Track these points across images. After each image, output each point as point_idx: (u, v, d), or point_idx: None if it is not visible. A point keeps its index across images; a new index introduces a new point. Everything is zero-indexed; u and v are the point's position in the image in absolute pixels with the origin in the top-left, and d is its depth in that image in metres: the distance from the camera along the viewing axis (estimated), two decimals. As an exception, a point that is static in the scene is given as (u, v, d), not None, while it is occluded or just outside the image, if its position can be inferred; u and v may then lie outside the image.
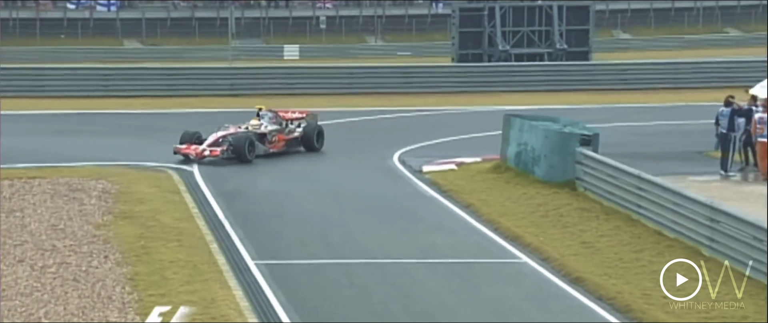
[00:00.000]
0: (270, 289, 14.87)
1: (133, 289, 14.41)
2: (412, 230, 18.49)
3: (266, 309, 14.13)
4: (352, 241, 17.74)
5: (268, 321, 13.67)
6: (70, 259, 15.74)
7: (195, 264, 15.85)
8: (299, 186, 22.09)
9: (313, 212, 19.75)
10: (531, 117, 23.80)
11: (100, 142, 26.55)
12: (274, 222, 18.95)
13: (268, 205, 20.27)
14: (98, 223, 17.96)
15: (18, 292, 14.14)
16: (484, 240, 18.01)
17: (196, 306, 13.85)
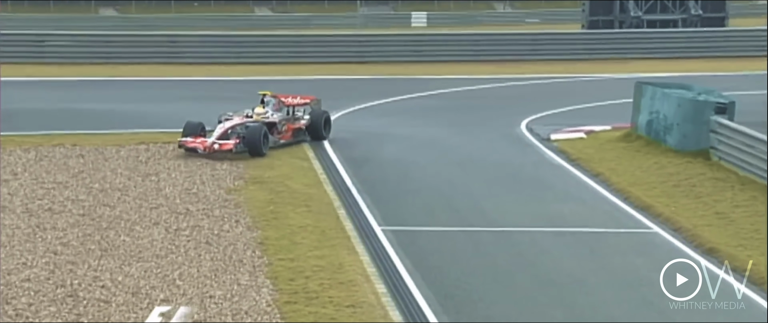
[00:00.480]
0: (396, 255, 14.99)
1: (263, 253, 14.70)
2: (539, 198, 18.40)
3: (393, 275, 14.25)
4: (478, 209, 17.74)
5: (394, 288, 13.79)
6: (202, 222, 16.12)
7: (323, 229, 16.07)
8: (426, 154, 22.14)
9: (439, 180, 19.80)
10: (663, 85, 23.36)
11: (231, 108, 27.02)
12: (401, 189, 19.06)
13: (394, 172, 20.39)
14: (230, 188, 18.33)
15: (154, 254, 14.56)
16: (613, 210, 17.82)
17: (324, 271, 14.07)
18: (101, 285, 13.30)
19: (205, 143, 20.30)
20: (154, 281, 13.51)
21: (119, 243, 15.06)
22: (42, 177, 18.67)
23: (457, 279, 14.12)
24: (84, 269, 13.89)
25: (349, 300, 13.13)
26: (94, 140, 21.28)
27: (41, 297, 12.87)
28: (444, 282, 14.00)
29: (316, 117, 22.47)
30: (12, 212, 16.43)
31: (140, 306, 12.67)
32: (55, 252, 14.53)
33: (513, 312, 13.01)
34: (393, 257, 14.94)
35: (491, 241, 15.89)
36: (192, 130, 20.70)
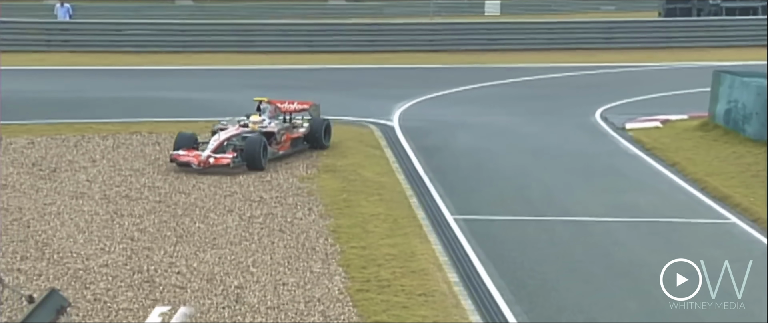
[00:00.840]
0: (469, 244, 14.97)
1: (336, 241, 14.76)
2: (613, 188, 18.24)
3: (465, 264, 14.24)
4: (551, 198, 17.64)
5: (467, 277, 13.77)
6: (276, 210, 16.24)
7: (395, 217, 16.10)
8: (498, 142, 22.06)
9: (512, 169, 19.72)
10: (743, 73, 23.00)
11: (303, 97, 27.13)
12: (473, 178, 19.01)
13: (467, 161, 20.34)
14: (302, 176, 18.43)
15: (228, 241, 14.71)
16: (690, 200, 17.61)
17: (396, 260, 14.09)
18: (177, 271, 13.47)
19: (199, 157, 18.36)
20: (228, 267, 13.65)
21: (194, 229, 15.23)
22: (119, 164, 18.94)
23: (530, 269, 14.06)
24: (160, 255, 14.07)
25: (421, 289, 13.15)
26: (170, 128, 21.50)
27: (119, 282, 13.07)
28: (517, 271, 13.95)
29: (315, 125, 20.33)
30: (91, 199, 16.70)
31: (215, 292, 12.81)
32: (132, 238, 14.74)
33: (586, 302, 12.93)
34: (465, 246, 14.92)
35: (565, 231, 15.79)
36: (185, 142, 18.80)
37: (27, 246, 14.32)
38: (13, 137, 20.48)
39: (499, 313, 12.64)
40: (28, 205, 16.15)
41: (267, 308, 12.38)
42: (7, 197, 16.57)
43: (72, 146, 20.09)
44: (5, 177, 17.74)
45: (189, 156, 18.50)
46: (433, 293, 13.07)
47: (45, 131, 21.29)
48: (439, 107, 26.25)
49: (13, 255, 13.92)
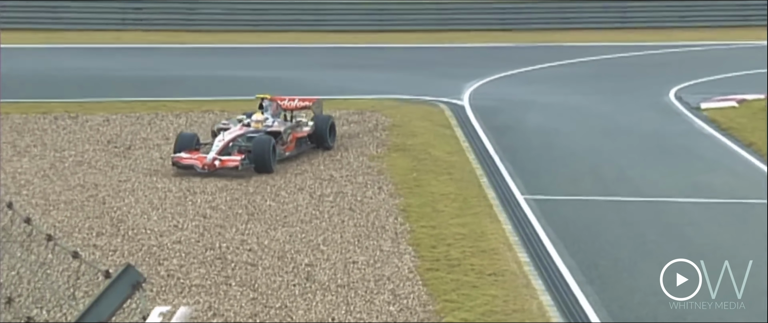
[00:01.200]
0: (539, 224, 14.89)
1: (406, 220, 14.78)
2: (687, 168, 18.03)
3: (535, 244, 14.17)
4: (624, 178, 17.48)
5: (537, 256, 13.71)
6: (346, 189, 16.29)
7: (465, 197, 16.07)
8: (570, 122, 21.90)
9: (583, 148, 19.56)
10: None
11: (374, 76, 27.20)
12: (544, 158, 18.91)
13: (537, 140, 20.23)
14: (372, 155, 18.46)
15: (299, 219, 14.80)
16: (765, 180, 17.33)
17: (465, 239, 14.07)
18: (248, 249, 13.59)
19: (203, 160, 16.84)
20: (298, 245, 13.73)
21: (265, 207, 15.35)
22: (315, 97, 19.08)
23: (601, 249, 13.95)
24: (232, 232, 14.21)
25: (491, 268, 13.12)
26: (242, 106, 21.64)
27: (191, 258, 13.22)
28: (588, 251, 13.86)
29: (320, 124, 18.67)
30: (164, 176, 16.89)
31: (285, 269, 12.90)
32: (205, 216, 14.90)
33: (654, 280, 12.79)
34: (536, 226, 14.84)
35: (637, 211, 15.64)
36: (186, 144, 17.31)
37: (102, 222, 14.55)
38: (89, 115, 20.78)
39: (569, 293, 12.57)
40: (104, 182, 16.40)
41: (337, 286, 12.44)
42: (83, 174, 16.83)
43: (146, 124, 20.34)
44: (81, 154, 18.03)
45: (192, 159, 16.93)
46: (503, 273, 13.03)
47: (120, 109, 21.57)
48: (510, 86, 26.11)
49: (89, 231, 14.16)
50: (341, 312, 11.79)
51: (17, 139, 18.84)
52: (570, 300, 12.40)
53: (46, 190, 15.89)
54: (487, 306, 12.10)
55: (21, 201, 14.77)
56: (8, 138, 18.85)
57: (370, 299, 12.11)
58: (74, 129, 19.67)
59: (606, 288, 12.69)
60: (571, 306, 12.29)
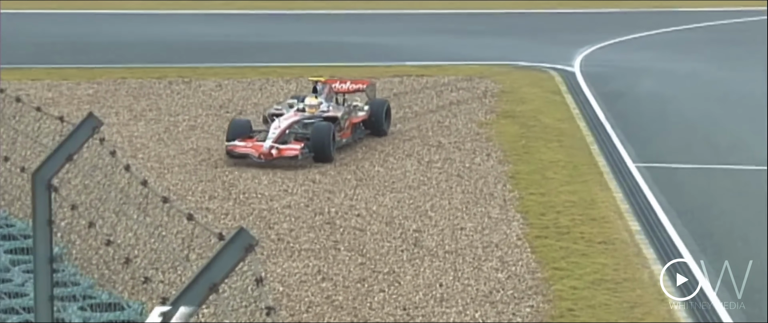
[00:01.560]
0: (651, 192, 14.69)
1: (514, 187, 14.72)
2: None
3: (647, 212, 13.99)
4: (740, 146, 17.12)
5: (648, 225, 13.54)
6: (454, 155, 16.28)
7: (575, 164, 15.94)
8: (684, 89, 21.50)
9: (698, 116, 19.21)
10: None
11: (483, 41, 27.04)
12: (657, 125, 18.62)
13: (650, 107, 19.92)
14: (481, 121, 18.40)
15: (406, 185, 14.84)
16: None
17: (575, 207, 13.97)
18: (356, 214, 13.69)
19: (260, 149, 15.65)
20: (406, 211, 13.78)
21: (373, 173, 15.42)
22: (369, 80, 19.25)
23: (715, 219, 13.73)
24: (340, 198, 14.32)
25: (601, 237, 13.00)
26: (352, 73, 21.77)
27: (301, 223, 13.38)
28: (702, 220, 13.64)
29: (376, 108, 17.35)
30: (274, 142, 17.08)
31: (393, 235, 12.96)
32: (314, 181, 15.04)
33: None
34: (647, 194, 14.65)
35: (754, 180, 15.32)
36: (239, 131, 16.13)
37: (214, 186, 14.80)
38: (201, 80, 21.10)
39: (682, 263, 12.39)
40: (216, 146, 16.64)
41: (445, 252, 12.46)
42: (196, 139, 17.12)
43: (257, 90, 20.57)
44: (194, 119, 18.32)
45: (247, 147, 15.74)
46: (614, 241, 12.91)
47: (231, 75, 21.85)
48: (622, 52, 25.71)
49: (202, 195, 14.42)
50: (449, 277, 11.81)
51: (133, 103, 19.23)
52: (682, 270, 12.22)
53: (160, 154, 16.22)
54: (596, 274, 12.01)
55: (137, 164, 15.09)
56: (125, 102, 19.27)
57: (478, 265, 12.12)
58: (188, 94, 19.99)
59: (720, 257, 12.46)
60: (684, 275, 12.11)
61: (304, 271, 11.96)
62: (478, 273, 11.94)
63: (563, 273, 11.99)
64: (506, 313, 10.98)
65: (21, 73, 20.88)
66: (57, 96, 19.47)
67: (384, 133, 17.31)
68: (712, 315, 11.20)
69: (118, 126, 17.50)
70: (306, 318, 10.87)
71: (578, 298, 11.38)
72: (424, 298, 11.30)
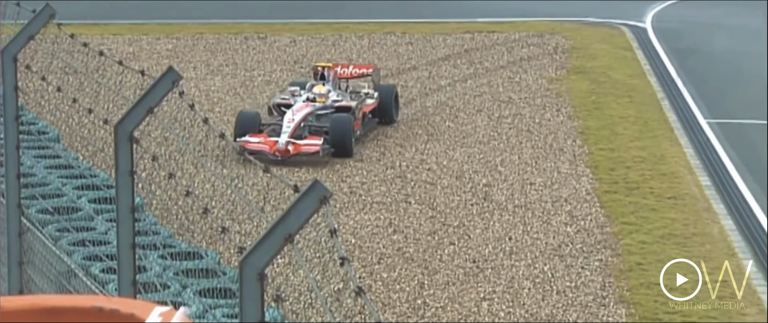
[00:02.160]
0: (722, 148, 14.52)
1: (584, 142, 14.63)
2: None
3: (718, 168, 13.84)
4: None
5: (719, 180, 13.40)
6: (524, 111, 16.20)
7: (645, 120, 15.78)
8: (757, 45, 21.07)
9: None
10: None
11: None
12: (729, 81, 18.35)
13: (723, 63, 19.62)
14: (551, 77, 18.27)
15: (476, 140, 14.82)
16: None
17: (645, 162, 13.85)
18: (427, 168, 13.71)
19: (273, 146, 13.85)
20: (476, 166, 13.78)
21: (444, 128, 15.41)
22: (374, 63, 19.27)
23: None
24: (411, 152, 14.35)
25: (671, 192, 12.90)
26: (423, 29, 21.71)
27: (373, 176, 13.44)
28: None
29: (385, 94, 15.51)
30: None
31: (463, 189, 12.98)
32: (386, 135, 15.07)
33: None
34: (718, 149, 14.48)
35: (824, 136, 15.05)
36: (248, 125, 14.33)
37: (288, 140, 14.89)
38: (276, 36, 21.16)
39: (753, 218, 12.26)
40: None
41: (514, 206, 12.45)
42: (271, 92, 17.19)
43: (330, 45, 20.60)
44: (269, 74, 18.43)
45: (260, 144, 13.92)
46: (683, 196, 12.80)
47: (305, 31, 21.89)
48: (694, 8, 25.26)
49: (275, 149, 14.52)
50: (518, 231, 11.82)
51: (210, 58, 19.38)
52: (753, 225, 12.09)
53: (236, 108, 16.33)
54: (665, 229, 11.93)
55: (214, 117, 15.23)
56: (202, 57, 19.42)
57: (547, 220, 12.09)
58: (263, 49, 20.09)
59: (790, 213, 12.32)
60: (754, 230, 11.99)
61: (375, 223, 12.03)
62: (547, 227, 11.92)
63: (632, 227, 11.93)
64: (575, 267, 10.97)
65: (103, 28, 21.12)
66: (137, 50, 19.69)
67: (393, 121, 15.49)
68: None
69: (196, 80, 17.66)
70: (378, 269, 10.96)
71: (647, 252, 11.33)
72: (494, 251, 11.33)
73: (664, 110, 16.50)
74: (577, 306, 10.11)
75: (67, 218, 8.46)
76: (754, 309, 10.20)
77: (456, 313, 10.01)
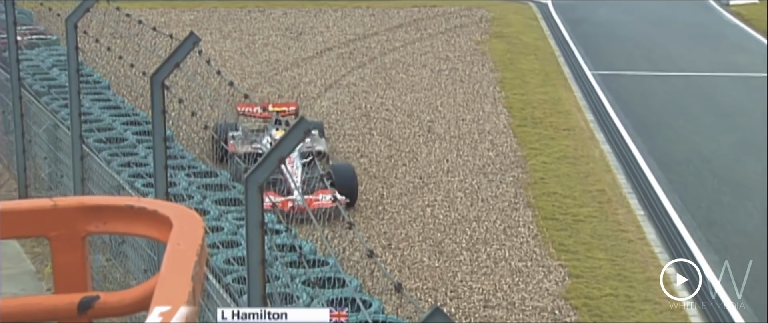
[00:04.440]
0: (602, 93, 14.58)
1: (502, 89, 14.62)
2: (718, 49, 17.33)
3: (599, 107, 13.91)
4: (669, 58, 16.89)
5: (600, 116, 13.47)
6: (457, 65, 16.14)
7: (547, 72, 15.78)
8: (629, 16, 21.11)
9: (639, 35, 18.90)
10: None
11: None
12: (608, 42, 18.36)
13: (604, 29, 19.61)
14: (477, 40, 18.19)
15: (422, 87, 14.77)
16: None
17: (546, 103, 13.89)
18: (386, 109, 13.66)
19: (286, 203, 8.86)
20: (422, 107, 13.75)
21: (398, 79, 15.34)
22: (346, 31, 19.09)
23: (649, 112, 13.63)
24: (374, 97, 14.28)
25: (565, 125, 12.96)
26: (382, 4, 21.49)
27: (345, 115, 13.38)
28: (638, 113, 13.56)
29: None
30: (323, 54, 16.97)
31: (412, 124, 12.96)
32: (355, 84, 14.99)
33: (691, 136, 12.48)
34: (600, 94, 14.54)
35: (679, 84, 15.15)
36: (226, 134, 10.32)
37: (281, 88, 14.78)
38: (272, 9, 20.86)
39: (623, 143, 12.38)
40: (282, 58, 16.58)
41: (450, 137, 12.47)
42: (268, 53, 17.04)
43: (313, 16, 20.36)
44: (266, 38, 18.21)
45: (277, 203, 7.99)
46: (574, 128, 12.86)
47: (293, 6, 21.55)
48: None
49: (272, 93, 14.41)
50: (453, 155, 11.85)
51: (222, 26, 19.11)
52: (623, 148, 12.20)
53: (242, 63, 16.19)
54: (561, 152, 12.01)
55: (225, 71, 15.04)
56: (216, 26, 19.15)
57: (475, 146, 12.13)
58: (262, 19, 19.83)
59: (652, 139, 12.44)
60: (624, 151, 12.11)
61: (347, 150, 12.01)
62: (475, 151, 11.96)
63: (537, 151, 12.00)
64: (495, 181, 11.03)
65: (141, 3, 20.74)
66: (167, 20, 19.35)
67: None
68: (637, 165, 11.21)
69: (211, 43, 17.43)
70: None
71: (547, 170, 11.41)
72: (435, 170, 11.36)
73: (561, 65, 16.51)
74: (497, 210, 10.19)
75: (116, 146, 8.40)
76: (623, 209, 10.33)
77: (407, 216, 10.05)
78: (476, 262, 8.96)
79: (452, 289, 8.48)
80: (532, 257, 9.07)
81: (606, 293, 8.44)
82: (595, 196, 10.58)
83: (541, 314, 8.08)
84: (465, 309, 8.15)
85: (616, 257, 9.12)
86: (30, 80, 9.88)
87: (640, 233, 9.65)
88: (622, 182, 11.09)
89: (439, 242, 9.37)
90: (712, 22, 20.14)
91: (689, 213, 10.09)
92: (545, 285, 8.56)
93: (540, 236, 9.50)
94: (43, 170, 8.97)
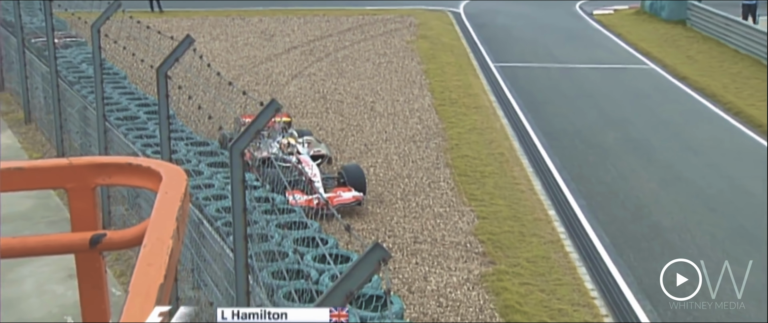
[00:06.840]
0: (502, 80, 14.68)
1: (426, 77, 14.60)
2: (586, 47, 17.56)
3: (499, 90, 14.01)
4: (550, 54, 17.06)
5: (499, 97, 13.57)
6: (393, 59, 16.05)
7: (460, 64, 15.81)
8: (520, 22, 21.21)
9: (527, 37, 19.03)
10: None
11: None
12: (506, 42, 18.45)
13: (502, 32, 19.70)
14: (408, 40, 18.10)
15: (366, 76, 14.66)
16: (627, 55, 16.88)
17: (460, 88, 13.93)
18: (338, 93, 13.54)
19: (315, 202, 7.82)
20: (366, 91, 13.66)
21: (348, 70, 15.20)
22: (307, 33, 18.81)
23: (535, 93, 13.78)
24: (329, 83, 14.14)
25: (475, 104, 13.02)
26: (336, 12, 21.22)
27: (307, 98, 13.22)
28: (529, 94, 13.69)
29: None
30: (291, 52, 16.71)
31: (359, 105, 12.87)
32: (314, 74, 14.81)
33: (566, 111, 12.66)
34: (500, 81, 14.64)
35: (557, 73, 15.34)
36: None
37: (258, 77, 14.53)
38: (250, 17, 20.45)
39: (516, 116, 12.50)
40: (258, 54, 16.28)
41: (388, 114, 12.42)
42: (248, 50, 16.72)
43: (281, 22, 20.01)
44: (246, 39, 17.85)
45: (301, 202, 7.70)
46: (481, 107, 12.93)
47: (266, 14, 21.14)
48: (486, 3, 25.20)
49: (250, 82, 14.16)
50: (390, 128, 11.81)
51: (212, 30, 18.68)
52: (516, 120, 12.34)
53: (228, 59, 15.85)
54: (471, 125, 12.07)
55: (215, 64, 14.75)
56: (207, 30, 18.70)
57: (406, 121, 12.11)
58: (242, 25, 19.43)
59: (538, 114, 12.59)
60: (517, 122, 12.25)
61: (309, 125, 11.89)
62: (407, 125, 11.95)
63: (453, 123, 12.04)
64: (422, 147, 11.05)
65: (149, 13, 20.13)
66: (169, 26, 18.81)
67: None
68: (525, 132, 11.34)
69: (204, 43, 17.03)
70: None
71: (461, 138, 11.46)
72: (377, 140, 11.32)
73: (471, 59, 16.54)
74: (423, 169, 10.21)
75: (131, 122, 8.20)
76: (518, 167, 10.46)
77: (356, 173, 9.95)
78: (408, 209, 9.00)
79: (390, 229, 8.51)
80: (450, 204, 9.15)
81: (505, 230, 8.58)
82: (497, 158, 10.69)
83: (457, 246, 8.19)
84: (400, 244, 8.20)
85: (512, 203, 9.26)
86: (65, 73, 9.69)
87: (530, 186, 9.80)
88: (516, 147, 11.22)
89: (380, 194, 9.37)
90: (581, 27, 20.40)
91: (566, 170, 10.27)
92: (460, 225, 8.65)
93: (456, 188, 9.58)
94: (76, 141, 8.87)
